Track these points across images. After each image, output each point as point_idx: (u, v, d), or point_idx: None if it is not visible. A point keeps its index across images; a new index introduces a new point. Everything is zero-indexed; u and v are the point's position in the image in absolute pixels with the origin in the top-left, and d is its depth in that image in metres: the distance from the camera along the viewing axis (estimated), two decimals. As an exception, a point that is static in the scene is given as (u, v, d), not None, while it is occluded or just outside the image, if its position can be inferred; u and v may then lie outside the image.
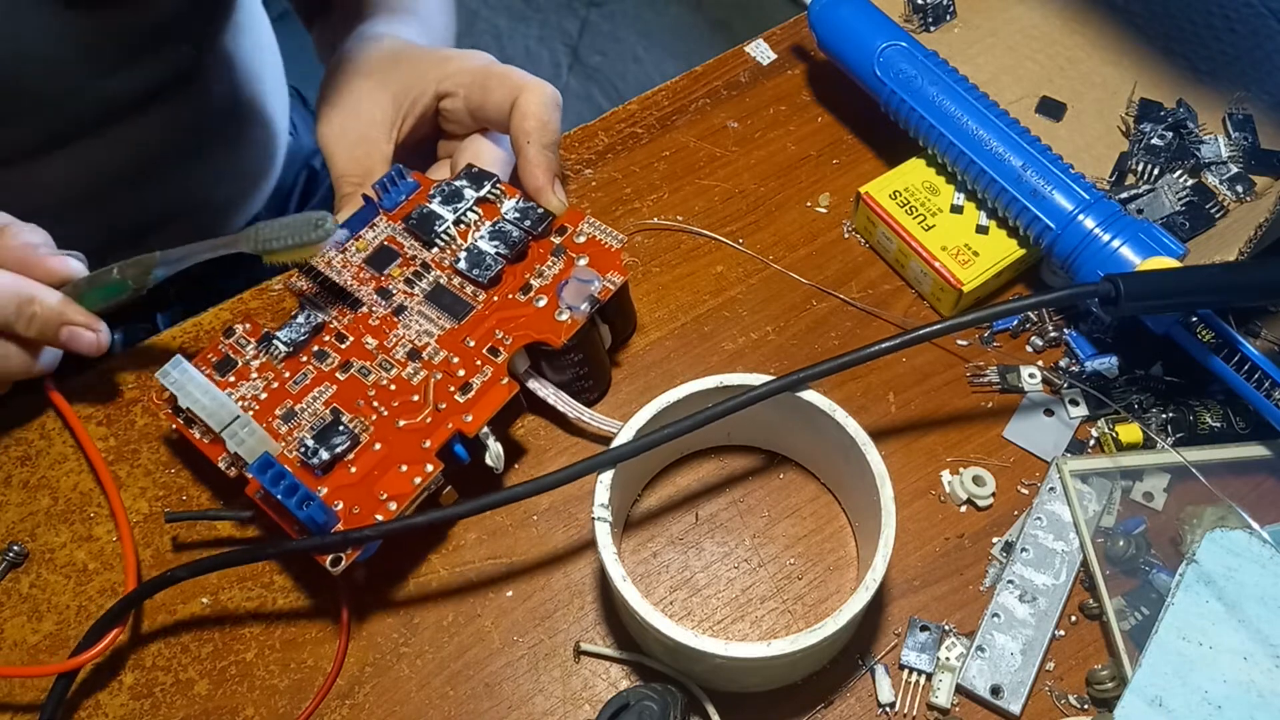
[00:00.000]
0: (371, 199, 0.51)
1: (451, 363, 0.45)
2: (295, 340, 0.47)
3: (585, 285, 0.46)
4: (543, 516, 0.48)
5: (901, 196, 0.53)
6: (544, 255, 0.48)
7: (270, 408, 0.45)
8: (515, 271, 0.48)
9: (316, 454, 0.43)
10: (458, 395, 0.45)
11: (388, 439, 0.44)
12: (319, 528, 0.41)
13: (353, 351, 0.47)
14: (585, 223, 0.49)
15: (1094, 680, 0.42)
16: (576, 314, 0.46)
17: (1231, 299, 0.45)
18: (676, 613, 0.45)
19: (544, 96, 0.50)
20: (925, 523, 0.47)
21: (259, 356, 0.47)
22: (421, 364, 0.46)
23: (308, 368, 0.46)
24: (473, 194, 0.50)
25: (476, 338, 0.46)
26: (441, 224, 0.49)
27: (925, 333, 0.43)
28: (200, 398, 0.44)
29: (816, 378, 0.43)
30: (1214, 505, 0.45)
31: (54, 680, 0.43)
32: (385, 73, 0.54)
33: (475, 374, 0.45)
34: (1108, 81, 0.57)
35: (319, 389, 0.46)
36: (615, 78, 1.63)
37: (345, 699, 0.44)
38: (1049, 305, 0.48)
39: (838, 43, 0.55)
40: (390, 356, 0.46)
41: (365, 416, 0.45)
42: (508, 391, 0.45)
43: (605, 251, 0.48)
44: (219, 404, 0.44)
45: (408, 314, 0.47)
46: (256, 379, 0.46)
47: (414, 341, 0.46)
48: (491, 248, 0.48)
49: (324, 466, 0.43)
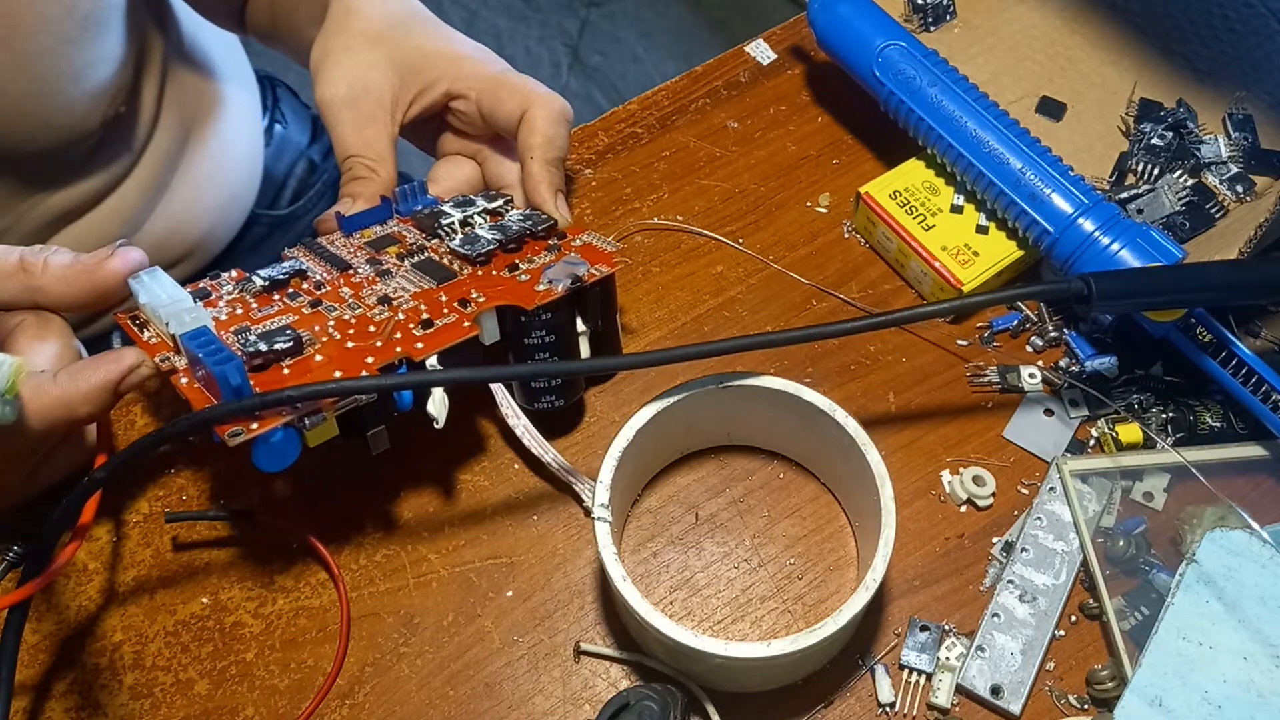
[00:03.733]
0: (389, 201, 0.50)
1: (419, 310, 0.43)
2: (272, 278, 0.45)
3: (571, 267, 0.45)
4: (543, 516, 0.48)
5: (901, 196, 0.53)
6: (538, 250, 0.48)
7: (228, 325, 0.42)
8: (506, 257, 0.47)
9: (254, 346, 0.39)
10: (415, 329, 0.42)
11: (330, 354, 0.41)
12: (233, 391, 0.37)
13: (327, 297, 0.45)
14: (585, 234, 0.49)
15: (1094, 680, 0.43)
16: (555, 287, 0.44)
17: (1205, 297, 0.45)
18: (676, 613, 0.45)
19: (552, 111, 0.50)
20: (925, 523, 0.47)
21: (234, 293, 0.45)
22: (389, 310, 0.44)
23: (277, 303, 0.44)
24: (483, 204, 0.50)
25: (449, 294, 0.44)
26: (447, 219, 0.49)
27: (895, 318, 0.43)
28: (160, 294, 0.41)
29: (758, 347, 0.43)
30: (1214, 505, 0.45)
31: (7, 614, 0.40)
32: (395, 45, 0.52)
33: (439, 317, 0.43)
34: (1108, 81, 0.58)
35: (282, 318, 0.43)
36: (615, 78, 1.63)
37: (345, 699, 0.44)
38: (1024, 299, 0.48)
39: (837, 42, 0.55)
40: (361, 301, 0.44)
41: (317, 338, 0.42)
42: (466, 331, 0.42)
43: (599, 252, 0.47)
44: (176, 299, 0.41)
45: (391, 277, 0.46)
46: (224, 306, 0.44)
47: (389, 294, 0.45)
48: (489, 235, 0.47)
49: (261, 362, 0.40)
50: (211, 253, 0.70)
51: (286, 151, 0.77)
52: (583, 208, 0.56)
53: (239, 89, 0.71)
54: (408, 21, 0.54)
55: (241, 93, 0.71)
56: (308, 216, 0.76)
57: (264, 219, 0.74)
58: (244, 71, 0.73)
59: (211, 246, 0.70)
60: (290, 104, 0.79)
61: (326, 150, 0.78)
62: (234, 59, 0.72)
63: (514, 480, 0.49)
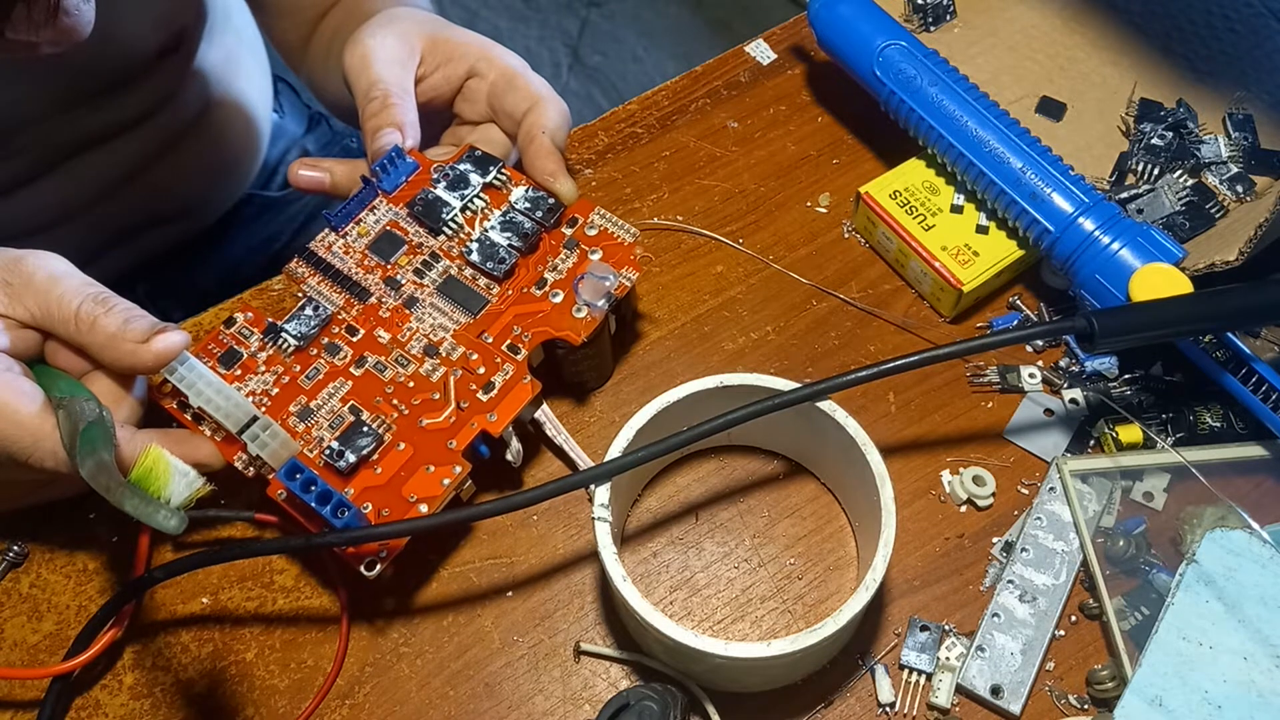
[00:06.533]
0: (370, 180, 0.49)
1: (470, 359, 0.45)
2: (304, 333, 0.45)
3: (601, 282, 0.46)
4: (543, 516, 0.48)
5: (901, 196, 0.53)
6: (556, 248, 0.48)
7: (284, 404, 0.44)
8: (528, 264, 0.48)
9: (342, 456, 0.42)
10: (480, 394, 0.44)
11: (412, 439, 0.43)
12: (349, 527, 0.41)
13: (366, 345, 0.46)
14: (596, 214, 0.49)
15: (1094, 680, 0.43)
16: (594, 311, 0.46)
17: (1206, 328, 0.45)
18: (676, 613, 0.45)
19: (561, 109, 0.51)
20: (925, 523, 0.47)
21: (266, 349, 0.46)
22: (440, 360, 0.45)
23: (319, 361, 0.45)
24: (479, 179, 0.49)
25: (494, 333, 0.46)
26: (449, 211, 0.48)
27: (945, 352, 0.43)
28: (214, 397, 0.42)
29: (838, 389, 0.43)
30: (1214, 505, 0.45)
31: (50, 682, 0.43)
32: (425, 23, 0.53)
33: (496, 372, 0.45)
34: (1108, 81, 0.58)
35: (333, 384, 0.45)
36: (615, 78, 1.63)
37: (345, 699, 0.44)
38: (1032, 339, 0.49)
39: (837, 42, 0.55)
40: (406, 352, 0.46)
41: (386, 415, 0.44)
42: (530, 390, 0.44)
43: (619, 246, 0.48)
44: (234, 403, 0.42)
45: (420, 306, 0.47)
46: (265, 373, 0.45)
47: (429, 336, 0.46)
48: (504, 239, 0.47)
49: (350, 469, 0.43)
50: (204, 219, 0.73)
51: (281, 139, 0.80)
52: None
53: (257, 65, 0.75)
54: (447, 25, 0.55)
55: (258, 69, 0.75)
56: (299, 202, 0.78)
57: (256, 199, 0.77)
58: (262, 56, 0.77)
59: (205, 212, 0.73)
60: (289, 98, 0.82)
61: (323, 143, 0.82)
62: (257, 44, 0.76)
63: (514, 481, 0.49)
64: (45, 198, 0.61)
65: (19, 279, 0.41)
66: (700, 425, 0.42)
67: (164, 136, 0.65)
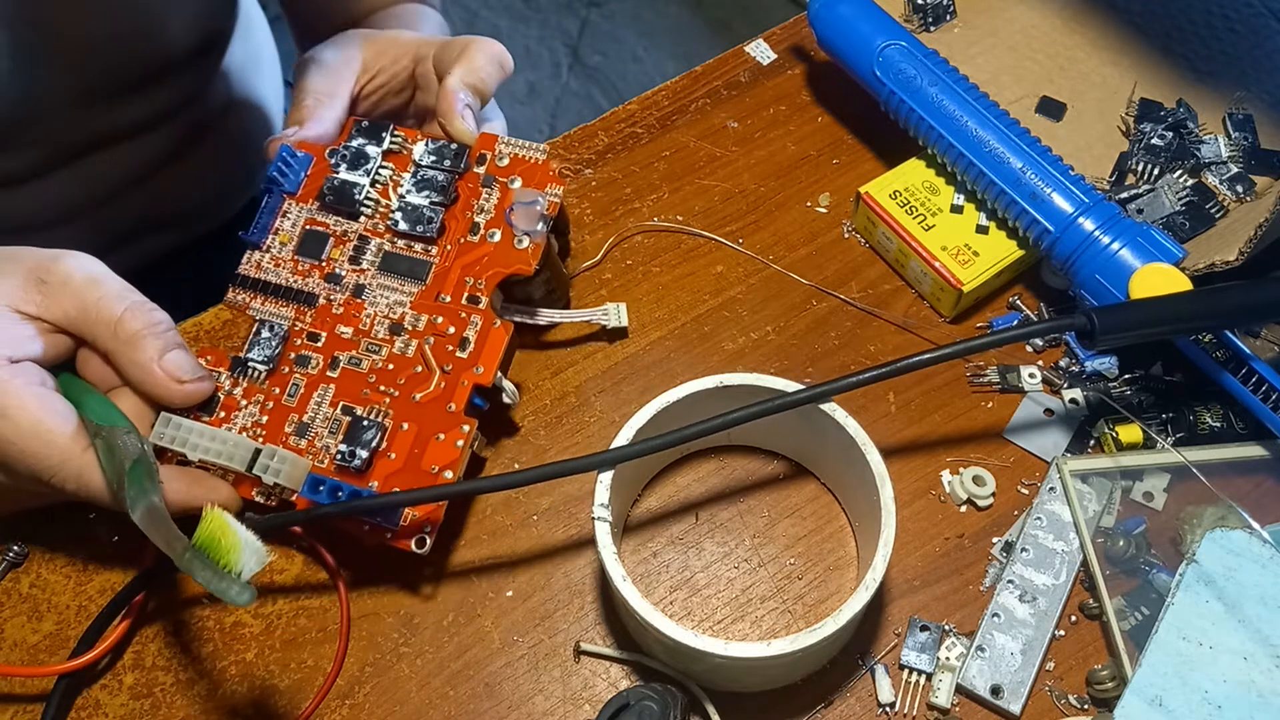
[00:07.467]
0: (272, 186, 0.48)
1: (436, 324, 0.45)
2: (269, 355, 0.45)
3: (531, 207, 0.46)
4: (543, 516, 0.48)
5: (901, 196, 0.53)
6: (475, 189, 0.48)
7: (278, 427, 0.44)
8: (455, 214, 0.47)
9: (354, 455, 0.43)
10: (458, 352, 0.45)
11: (412, 416, 0.44)
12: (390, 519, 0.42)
13: (333, 346, 0.46)
14: (500, 143, 0.49)
15: (1094, 680, 0.43)
16: (535, 236, 0.46)
17: (1206, 325, 0.45)
18: (676, 613, 0.45)
19: (486, 47, 0.50)
20: (925, 523, 0.47)
21: (239, 384, 0.45)
22: (408, 334, 0.45)
23: (295, 377, 0.45)
24: (376, 150, 0.48)
25: (449, 291, 0.46)
26: (360, 190, 0.47)
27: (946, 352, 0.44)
28: (211, 445, 0.42)
29: (840, 391, 0.43)
30: (1214, 505, 0.45)
31: (55, 681, 0.43)
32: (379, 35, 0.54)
33: (465, 327, 0.45)
34: (1108, 81, 0.58)
35: (318, 394, 0.45)
36: (615, 78, 1.63)
37: (345, 699, 0.44)
38: (1032, 337, 0.49)
39: (837, 42, 0.55)
40: (373, 338, 0.46)
41: (379, 403, 0.44)
42: (505, 333, 0.45)
43: (534, 167, 0.48)
44: (233, 444, 0.42)
45: (369, 291, 0.47)
46: (248, 406, 0.45)
47: (389, 316, 0.46)
48: (423, 199, 0.47)
49: (365, 465, 0.43)
50: (209, 223, 0.73)
51: None
52: (583, 208, 0.56)
53: (271, 66, 0.76)
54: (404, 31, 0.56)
55: (272, 70, 0.76)
56: None
57: None
58: (274, 58, 0.77)
59: (211, 216, 0.73)
60: None
61: None
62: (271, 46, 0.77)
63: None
64: (50, 194, 0.61)
65: (55, 278, 0.41)
66: (701, 424, 0.42)
67: (180, 137, 0.65)
